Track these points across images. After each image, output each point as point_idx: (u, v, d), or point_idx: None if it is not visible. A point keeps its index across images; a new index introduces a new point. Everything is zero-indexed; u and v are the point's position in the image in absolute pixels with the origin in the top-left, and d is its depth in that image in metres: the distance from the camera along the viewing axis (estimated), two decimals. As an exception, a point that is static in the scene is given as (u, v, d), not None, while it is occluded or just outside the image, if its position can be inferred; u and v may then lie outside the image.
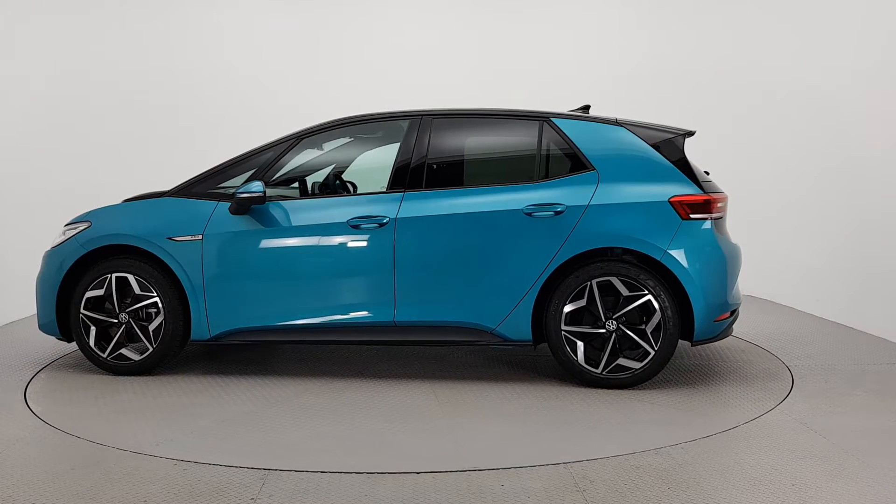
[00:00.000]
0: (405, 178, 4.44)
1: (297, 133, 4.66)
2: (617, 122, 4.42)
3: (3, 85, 6.50)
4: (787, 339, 5.55)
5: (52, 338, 5.48)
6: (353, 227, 4.39)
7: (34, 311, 6.54)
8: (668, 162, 4.29)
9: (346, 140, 5.03)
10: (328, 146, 5.00)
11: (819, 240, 6.44)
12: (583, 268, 4.24)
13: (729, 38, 7.59)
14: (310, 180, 5.06)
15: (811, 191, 6.56)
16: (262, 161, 4.61)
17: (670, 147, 4.35)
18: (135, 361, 4.57)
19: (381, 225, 4.35)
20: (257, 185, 4.38)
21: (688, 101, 7.68)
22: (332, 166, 5.06)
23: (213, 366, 4.87)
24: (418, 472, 3.13)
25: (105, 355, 4.59)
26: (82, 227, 4.68)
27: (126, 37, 7.54)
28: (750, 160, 7.30)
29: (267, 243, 4.47)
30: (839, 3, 6.41)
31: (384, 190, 4.50)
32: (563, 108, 4.76)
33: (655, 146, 4.33)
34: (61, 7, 7.10)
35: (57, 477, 3.09)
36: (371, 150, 5.09)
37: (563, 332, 4.25)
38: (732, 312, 4.40)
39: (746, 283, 4.84)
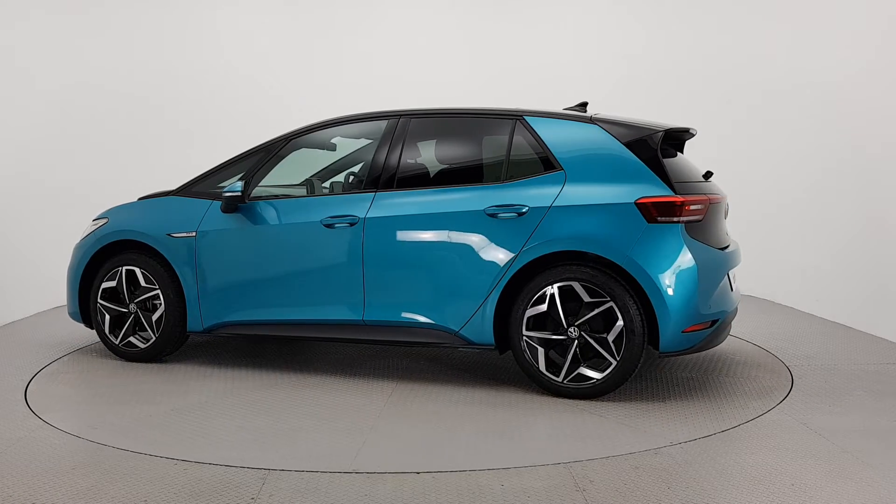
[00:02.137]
0: (379, 177, 4.46)
1: (286, 134, 4.81)
2: (591, 120, 4.23)
3: (11, 89, 6.50)
4: (787, 339, 5.55)
5: (52, 338, 5.62)
6: (327, 226, 4.45)
7: (35, 310, 6.63)
8: (639, 161, 4.04)
9: (366, 140, 5.06)
10: (339, 146, 5.08)
11: (819, 239, 6.43)
12: (547, 271, 4.06)
13: (729, 35, 7.59)
14: (329, 180, 5.15)
15: (811, 190, 6.56)
16: (254, 161, 4.79)
17: (644, 145, 4.07)
18: (140, 349, 4.90)
19: (352, 224, 4.39)
20: (237, 185, 4.61)
21: (689, 99, 7.68)
22: (361, 165, 5.11)
23: (217, 356, 4.91)
24: (418, 472, 3.13)
25: (117, 342, 4.94)
26: (102, 222, 5.06)
27: (132, 41, 7.54)
28: (750, 159, 7.30)
29: (250, 241, 4.64)
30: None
31: (359, 190, 4.57)
32: (563, 107, 4.73)
33: (629, 145, 4.09)
34: (66, 8, 7.10)
35: (57, 477, 3.09)
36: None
37: (524, 338, 4.11)
38: (713, 323, 4.07)
39: (746, 284, 4.82)
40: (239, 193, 4.59)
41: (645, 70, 8.03)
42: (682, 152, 4.66)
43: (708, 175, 4.44)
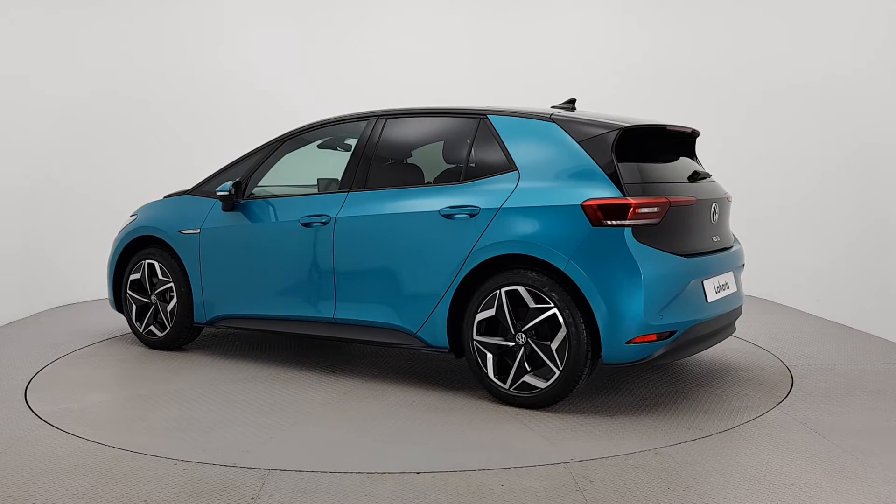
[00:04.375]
0: (353, 177, 4.51)
1: (280, 136, 4.99)
2: (551, 119, 4.08)
3: (10, 92, 6.49)
4: (787, 339, 5.55)
5: (51, 338, 5.64)
6: (305, 225, 4.56)
7: (34, 311, 6.62)
8: (592, 161, 3.85)
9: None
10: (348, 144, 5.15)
11: (819, 239, 6.43)
12: (497, 275, 3.94)
13: (730, 35, 7.58)
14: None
15: (811, 190, 6.55)
16: (252, 162, 5.01)
17: (601, 145, 3.87)
18: (159, 337, 5.25)
19: (325, 224, 4.48)
20: (226, 185, 4.86)
21: (691, 99, 7.68)
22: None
23: (229, 347, 4.94)
24: (418, 472, 3.13)
25: (141, 330, 5.33)
26: (132, 219, 5.46)
27: (138, 46, 7.52)
28: (750, 159, 7.29)
29: (241, 238, 4.86)
30: None
31: (336, 189, 4.66)
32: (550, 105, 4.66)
33: (586, 144, 3.91)
34: (67, 11, 7.09)
35: (57, 477, 3.09)
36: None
37: (474, 342, 4.02)
38: (670, 334, 3.76)
39: (746, 283, 4.80)
40: (227, 193, 4.82)
41: (647, 70, 8.02)
42: (691, 153, 4.55)
43: (695, 176, 4.25)
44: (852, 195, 6.02)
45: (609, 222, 3.70)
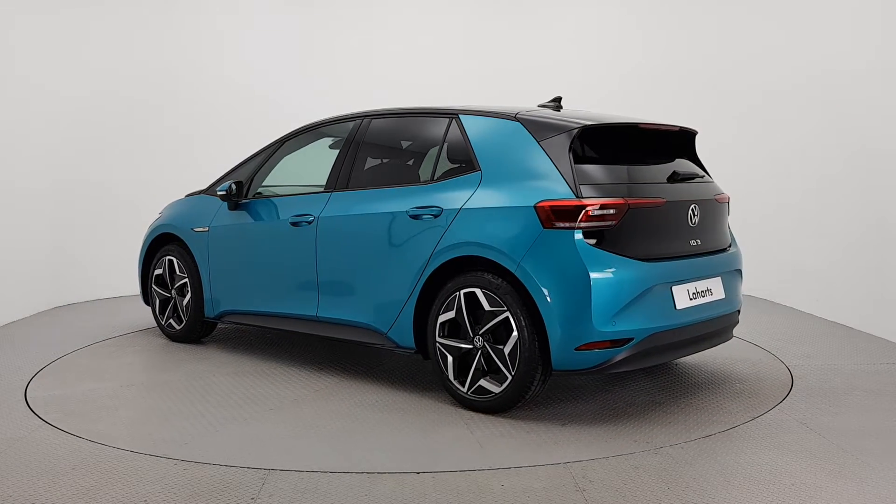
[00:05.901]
0: (336, 177, 4.57)
1: (280, 138, 5.12)
2: (516, 118, 4.00)
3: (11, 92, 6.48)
4: (787, 339, 5.55)
5: (52, 337, 5.67)
6: (293, 224, 4.65)
7: (33, 311, 6.62)
8: (550, 161, 3.74)
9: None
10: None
11: (820, 239, 6.42)
12: (457, 276, 3.90)
13: (729, 34, 7.58)
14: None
15: (811, 190, 6.55)
16: (256, 162, 5.15)
17: (558, 145, 3.77)
18: (176, 330, 5.47)
19: (309, 223, 4.55)
20: (225, 185, 5.02)
21: (690, 98, 7.67)
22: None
23: (241, 342, 4.94)
24: (418, 472, 3.13)
25: (163, 322, 5.57)
26: (158, 216, 5.72)
27: (148, 49, 7.54)
28: (750, 159, 7.29)
29: (240, 237, 5.01)
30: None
31: (322, 189, 4.70)
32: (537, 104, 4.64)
33: (546, 143, 3.80)
34: (70, 14, 7.08)
35: (57, 477, 3.09)
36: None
37: (437, 344, 3.98)
38: (626, 341, 3.60)
39: (746, 284, 4.79)
40: (225, 193, 4.99)
41: (647, 70, 8.02)
42: (690, 152, 4.41)
43: (675, 177, 4.04)
44: (852, 195, 6.01)
45: (561, 224, 3.59)
